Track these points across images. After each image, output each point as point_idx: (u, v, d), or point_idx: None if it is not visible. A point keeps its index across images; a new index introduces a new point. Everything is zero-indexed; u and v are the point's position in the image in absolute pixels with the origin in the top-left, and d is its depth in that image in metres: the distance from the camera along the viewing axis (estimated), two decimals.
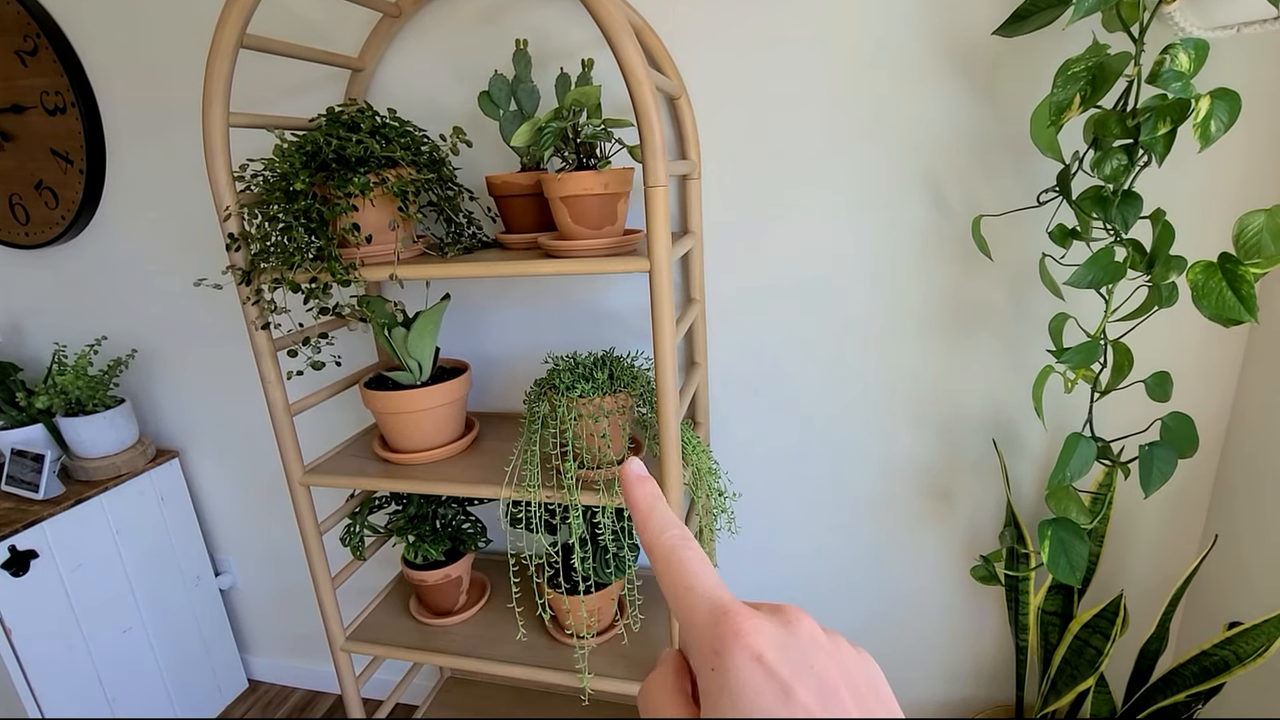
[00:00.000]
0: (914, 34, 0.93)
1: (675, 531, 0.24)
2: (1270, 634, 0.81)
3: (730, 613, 0.21)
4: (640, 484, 0.25)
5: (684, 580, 0.22)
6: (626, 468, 0.26)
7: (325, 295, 0.90)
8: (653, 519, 0.24)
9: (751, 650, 0.20)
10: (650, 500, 0.25)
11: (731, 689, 0.20)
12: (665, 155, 0.74)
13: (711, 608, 0.21)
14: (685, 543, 0.24)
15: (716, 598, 0.22)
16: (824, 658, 0.21)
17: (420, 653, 1.08)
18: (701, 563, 0.23)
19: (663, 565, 0.23)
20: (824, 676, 0.20)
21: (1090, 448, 0.85)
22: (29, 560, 1.24)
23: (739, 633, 0.20)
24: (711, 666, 0.20)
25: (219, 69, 0.83)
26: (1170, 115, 0.68)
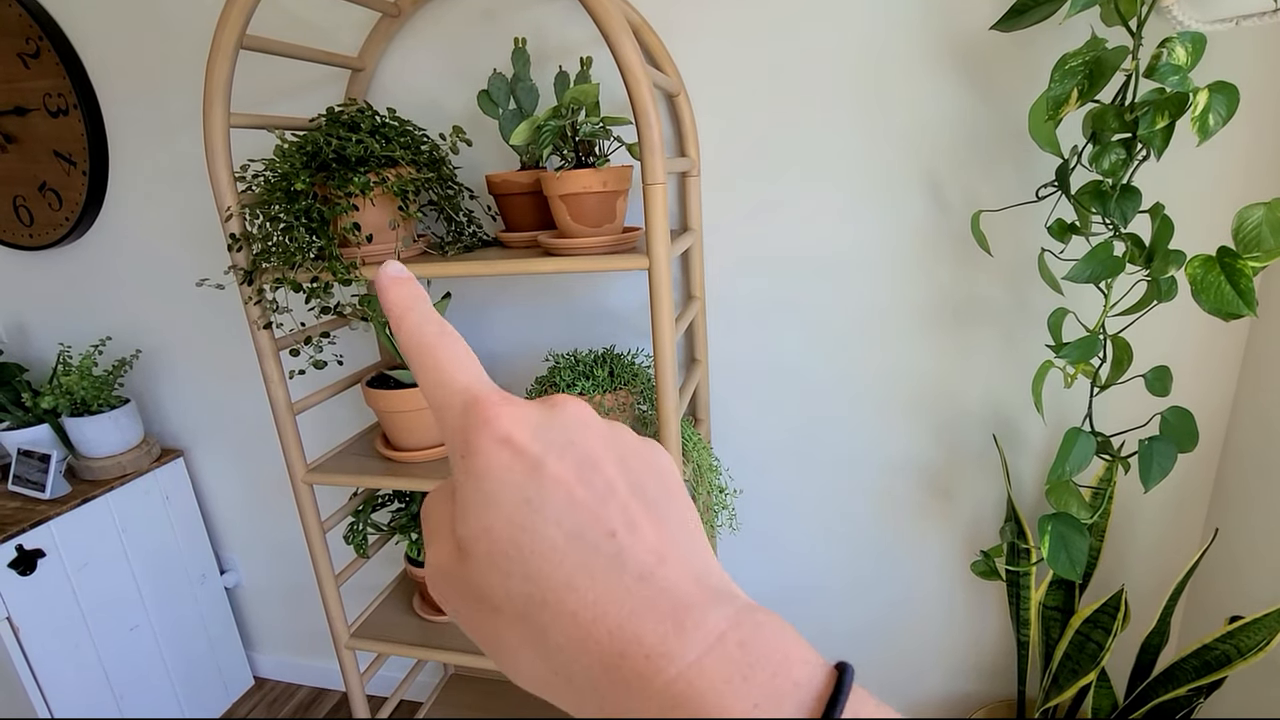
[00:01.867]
0: (912, 30, 0.93)
1: (432, 328, 0.22)
2: (1271, 628, 0.81)
3: (481, 400, 0.19)
4: (398, 284, 0.22)
5: (438, 375, 0.21)
6: (383, 269, 0.23)
7: (327, 294, 0.90)
8: (409, 317, 0.22)
9: (498, 432, 0.19)
10: (409, 300, 0.22)
11: (477, 472, 0.19)
12: (664, 153, 0.74)
13: (465, 400, 0.20)
14: (442, 338, 0.22)
15: (471, 389, 0.20)
16: (590, 435, 0.19)
17: (424, 650, 1.09)
18: (460, 355, 0.21)
19: (418, 364, 0.21)
20: (586, 450, 0.19)
21: (1090, 443, 0.85)
22: (36, 559, 1.25)
23: (487, 419, 0.19)
24: (461, 454, 0.19)
25: (219, 70, 0.83)
26: (1168, 109, 0.68)
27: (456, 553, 0.19)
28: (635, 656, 0.16)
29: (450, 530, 0.20)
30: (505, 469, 0.18)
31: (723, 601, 0.17)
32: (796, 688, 0.16)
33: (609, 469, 0.19)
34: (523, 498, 0.18)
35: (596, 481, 0.18)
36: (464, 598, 0.19)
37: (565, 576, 0.17)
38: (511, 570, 0.18)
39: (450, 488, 0.21)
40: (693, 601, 0.17)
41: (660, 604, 0.17)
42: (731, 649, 0.16)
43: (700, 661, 0.16)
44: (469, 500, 0.19)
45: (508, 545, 0.18)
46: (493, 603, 0.18)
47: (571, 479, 0.18)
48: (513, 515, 0.18)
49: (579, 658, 0.17)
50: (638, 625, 0.17)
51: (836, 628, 1.29)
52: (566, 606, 0.17)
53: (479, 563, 0.18)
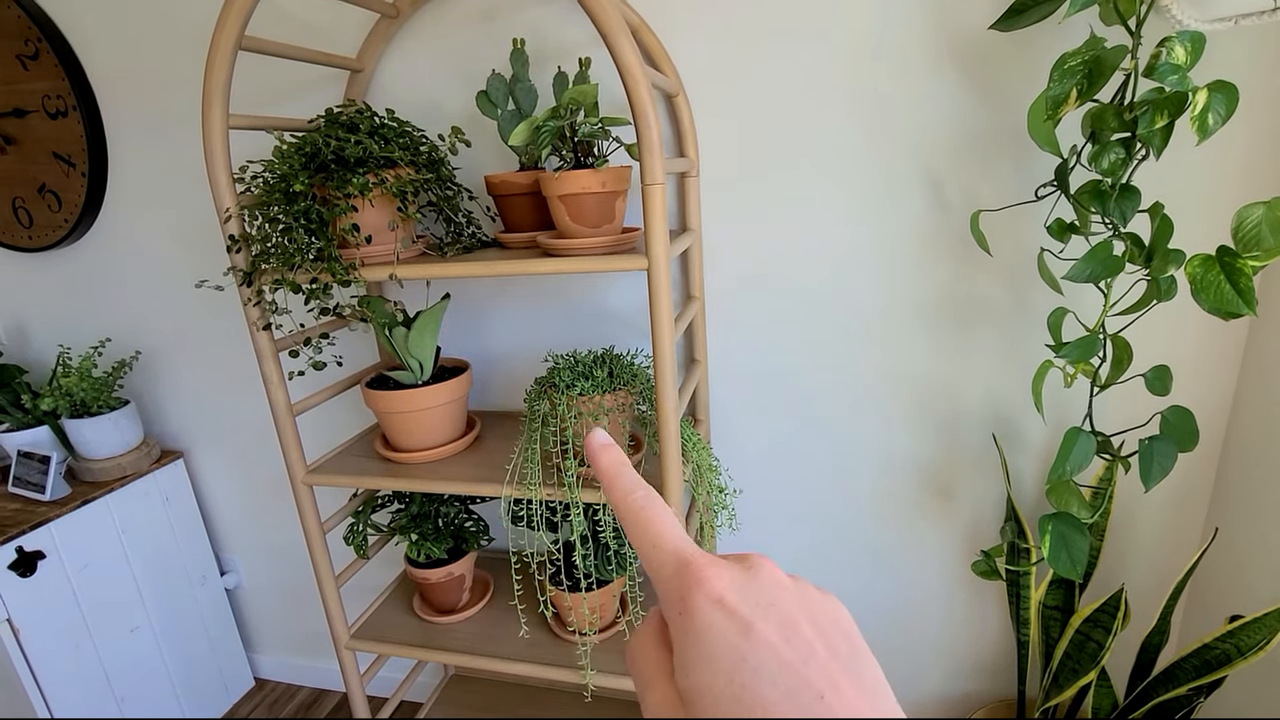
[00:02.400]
0: (911, 29, 0.93)
1: (640, 493, 0.25)
2: (1271, 627, 0.81)
3: (692, 562, 0.22)
4: (605, 451, 0.26)
5: (650, 538, 0.23)
6: (591, 437, 0.27)
7: (326, 296, 0.90)
8: (619, 483, 0.25)
9: (712, 594, 0.21)
10: (616, 466, 0.26)
11: (696, 630, 0.21)
12: (662, 153, 0.74)
13: (676, 560, 0.22)
14: (650, 502, 0.25)
15: (681, 550, 0.23)
16: (785, 596, 0.22)
17: (424, 650, 1.09)
18: (667, 519, 0.24)
19: (631, 526, 0.24)
20: (785, 612, 0.21)
21: (1090, 442, 0.85)
22: (36, 561, 1.25)
23: (700, 580, 0.21)
24: (679, 612, 0.22)
25: (218, 71, 0.83)
26: (1167, 108, 0.68)
27: (678, 702, 0.22)
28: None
29: (667, 677, 0.22)
30: (721, 630, 0.21)
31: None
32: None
33: (806, 630, 0.21)
34: (739, 657, 0.20)
35: (798, 643, 0.21)
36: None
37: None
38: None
39: (654, 632, 0.24)
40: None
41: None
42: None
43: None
44: (691, 656, 0.21)
45: (731, 702, 0.20)
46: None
47: (778, 641, 0.20)
48: (733, 674, 0.20)
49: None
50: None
51: None
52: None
53: (704, 715, 0.20)
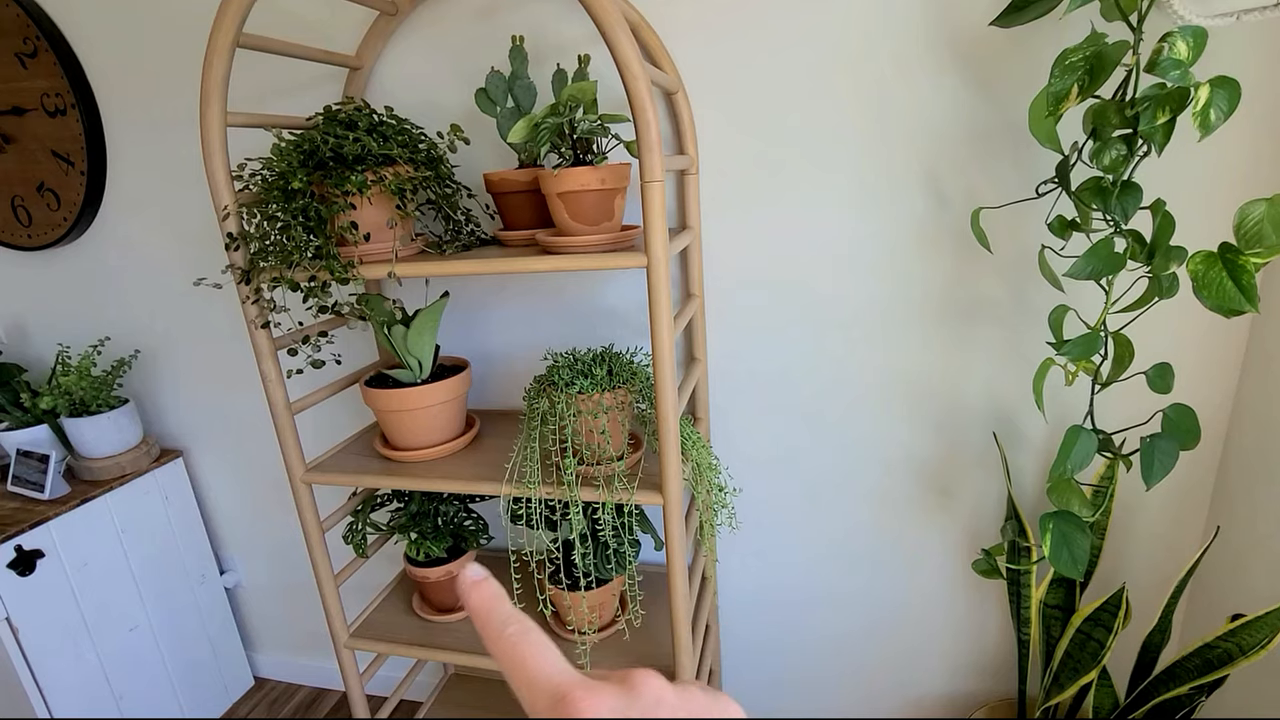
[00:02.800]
0: (912, 25, 0.92)
1: (513, 628, 0.24)
2: (1273, 626, 0.80)
3: (567, 695, 0.21)
4: (476, 588, 0.25)
5: (525, 677, 0.22)
6: (462, 574, 0.26)
7: (324, 294, 0.90)
8: (492, 619, 0.24)
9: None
10: (489, 602, 0.25)
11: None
12: (661, 150, 0.74)
13: (550, 695, 0.21)
14: (524, 636, 0.24)
15: (556, 683, 0.22)
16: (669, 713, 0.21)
17: (423, 649, 1.09)
18: (542, 651, 0.23)
19: (507, 666, 0.23)
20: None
21: (1091, 440, 0.85)
22: (35, 560, 1.25)
23: (578, 710, 0.20)
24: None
25: (216, 69, 0.83)
26: (1169, 104, 0.68)
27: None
28: None
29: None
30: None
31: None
32: None
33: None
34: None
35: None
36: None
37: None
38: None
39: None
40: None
41: None
42: None
43: None
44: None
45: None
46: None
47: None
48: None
49: None
50: None
51: (837, 627, 1.28)
52: None
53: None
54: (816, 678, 1.33)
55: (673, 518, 0.88)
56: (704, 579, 1.16)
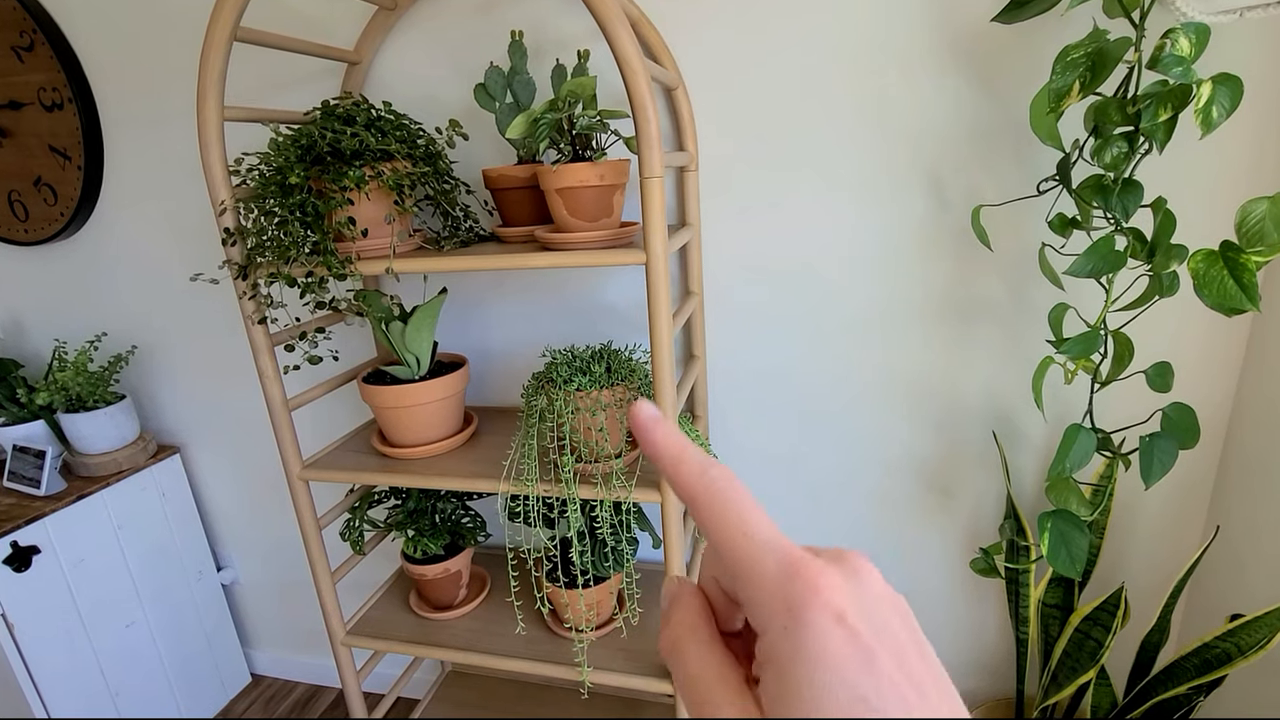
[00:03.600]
0: (913, 22, 0.92)
1: (715, 472, 0.21)
2: (1272, 626, 0.80)
3: (802, 565, 0.19)
4: (659, 425, 0.22)
5: (738, 526, 0.20)
6: (639, 410, 0.23)
7: (321, 290, 0.90)
8: (688, 459, 0.21)
9: (833, 609, 0.18)
10: (679, 443, 0.22)
11: (810, 653, 0.18)
12: (661, 147, 0.74)
13: (779, 559, 0.19)
14: (732, 484, 0.21)
15: (781, 547, 0.19)
16: (892, 615, 0.19)
17: (420, 647, 1.09)
18: (755, 506, 0.21)
19: (709, 513, 0.20)
20: (898, 638, 0.19)
21: (1090, 439, 0.84)
22: (31, 556, 1.25)
23: (817, 589, 0.18)
24: (784, 625, 0.18)
25: (213, 63, 0.82)
26: (1171, 101, 0.68)
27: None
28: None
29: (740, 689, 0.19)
30: (842, 657, 0.18)
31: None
32: None
33: (915, 660, 0.18)
34: (858, 696, 0.17)
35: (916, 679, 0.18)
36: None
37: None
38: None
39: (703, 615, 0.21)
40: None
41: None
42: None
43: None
44: (799, 686, 0.18)
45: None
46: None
47: (899, 675, 0.18)
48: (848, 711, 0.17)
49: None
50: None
51: None
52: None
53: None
54: None
55: (671, 515, 0.88)
56: None
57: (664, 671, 0.98)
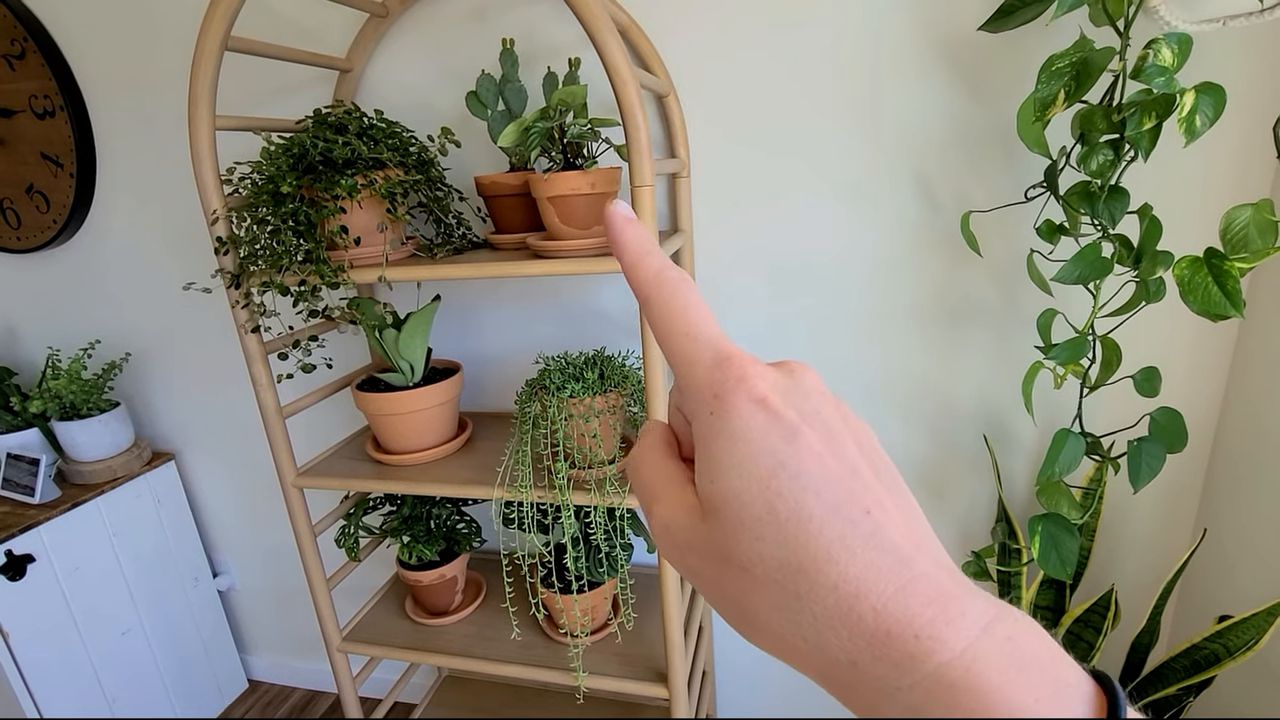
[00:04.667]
0: (901, 30, 0.92)
1: (671, 274, 0.21)
2: (1260, 627, 0.81)
3: (734, 358, 0.20)
4: (630, 225, 0.22)
5: (682, 325, 0.21)
6: (613, 209, 0.23)
7: (314, 298, 0.90)
8: (647, 260, 0.22)
9: (754, 392, 0.19)
10: (644, 242, 0.22)
11: (731, 431, 0.19)
12: (652, 154, 0.74)
13: (714, 353, 0.20)
14: (686, 285, 0.21)
15: (719, 344, 0.20)
16: (829, 408, 0.20)
17: (416, 653, 1.09)
18: (702, 307, 0.21)
19: (660, 312, 0.21)
20: (830, 424, 0.19)
21: (1079, 443, 0.85)
22: (26, 564, 1.25)
23: (743, 377, 0.19)
24: (710, 410, 0.19)
25: (203, 72, 0.82)
26: (1155, 110, 0.68)
27: (697, 509, 0.19)
28: (904, 637, 0.16)
29: (680, 483, 0.20)
30: (762, 432, 0.18)
31: (977, 594, 0.17)
32: (1070, 688, 0.16)
33: (850, 444, 0.19)
34: (778, 462, 0.18)
35: (845, 457, 0.18)
36: (706, 556, 0.19)
37: (824, 548, 0.17)
38: (765, 534, 0.18)
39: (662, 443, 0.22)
40: (952, 590, 0.17)
41: (922, 588, 0.17)
42: (1001, 641, 0.16)
43: (974, 649, 0.16)
44: (721, 458, 0.19)
45: (764, 510, 0.18)
46: (741, 563, 0.18)
47: (824, 450, 0.18)
48: (769, 480, 0.18)
49: (837, 629, 0.17)
50: (904, 606, 0.17)
51: None
52: (826, 578, 0.17)
53: (729, 523, 0.18)
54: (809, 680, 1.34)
55: None
56: None
57: (659, 676, 0.99)
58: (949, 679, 0.16)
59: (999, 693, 0.16)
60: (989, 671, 0.16)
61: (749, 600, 0.19)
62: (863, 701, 0.18)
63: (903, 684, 0.16)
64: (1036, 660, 0.16)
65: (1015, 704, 0.15)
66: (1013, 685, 0.16)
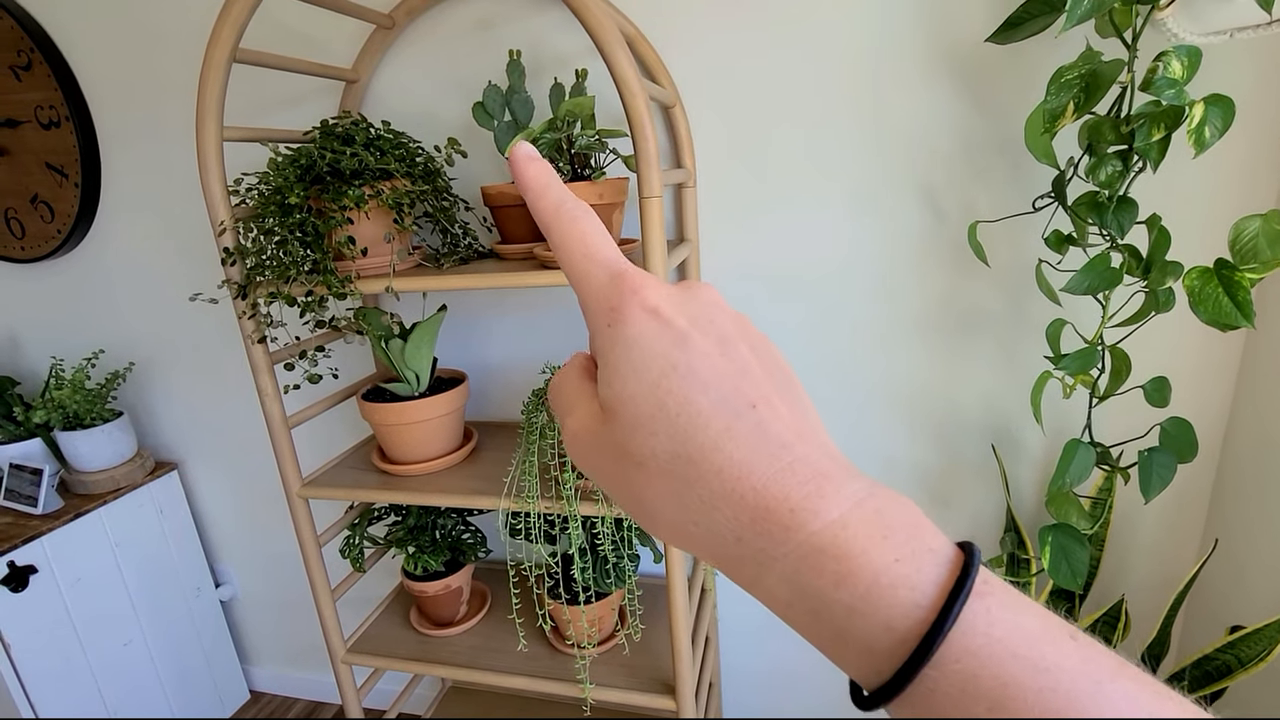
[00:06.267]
0: (908, 41, 0.93)
1: (570, 204, 0.23)
2: (1272, 638, 0.80)
3: (627, 274, 0.21)
4: (531, 163, 0.24)
5: (581, 248, 0.22)
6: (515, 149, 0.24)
7: (321, 308, 0.90)
8: (549, 194, 0.23)
9: (646, 302, 0.20)
10: (545, 176, 0.24)
11: (625, 339, 0.20)
12: (659, 165, 0.74)
13: (609, 271, 0.21)
14: (585, 212, 0.23)
15: (614, 262, 0.22)
16: (724, 317, 0.21)
17: (421, 664, 1.08)
18: (600, 233, 0.23)
19: (561, 239, 0.23)
20: (723, 330, 0.20)
21: (1089, 453, 0.85)
22: (28, 575, 1.24)
23: (635, 288, 0.21)
24: (608, 323, 0.21)
25: (212, 83, 0.83)
26: (1164, 122, 0.68)
27: (600, 414, 0.21)
28: (780, 511, 0.18)
29: (590, 396, 0.22)
30: (654, 337, 0.20)
31: (855, 475, 0.19)
32: (932, 553, 0.18)
33: (743, 348, 0.20)
34: (669, 364, 0.19)
35: (735, 357, 0.20)
36: (606, 455, 0.21)
37: (711, 438, 0.19)
38: (658, 430, 0.19)
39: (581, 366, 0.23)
40: (829, 471, 0.19)
41: (800, 469, 0.19)
42: (870, 513, 0.18)
43: (843, 519, 0.18)
44: (617, 364, 0.20)
45: (655, 408, 0.19)
46: (636, 459, 0.20)
47: (714, 351, 0.20)
48: (660, 380, 0.19)
49: (722, 509, 0.19)
50: (782, 485, 0.18)
51: None
52: (712, 464, 0.19)
53: (625, 422, 0.20)
54: (817, 690, 1.33)
55: None
56: (704, 591, 1.16)
57: (666, 688, 0.98)
58: (818, 545, 0.18)
59: (863, 555, 0.17)
60: (855, 538, 0.17)
61: (646, 493, 0.20)
62: (747, 574, 0.19)
63: (778, 553, 0.18)
64: (903, 529, 0.18)
65: (876, 565, 0.17)
66: (876, 549, 0.17)
